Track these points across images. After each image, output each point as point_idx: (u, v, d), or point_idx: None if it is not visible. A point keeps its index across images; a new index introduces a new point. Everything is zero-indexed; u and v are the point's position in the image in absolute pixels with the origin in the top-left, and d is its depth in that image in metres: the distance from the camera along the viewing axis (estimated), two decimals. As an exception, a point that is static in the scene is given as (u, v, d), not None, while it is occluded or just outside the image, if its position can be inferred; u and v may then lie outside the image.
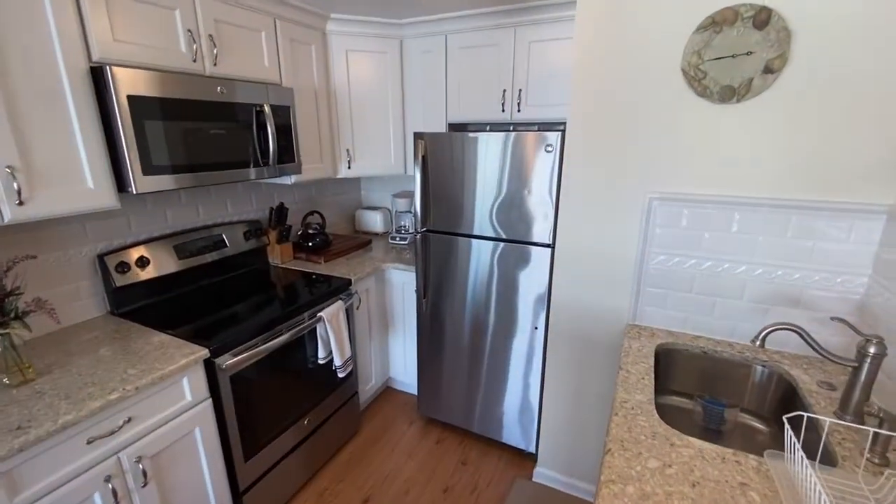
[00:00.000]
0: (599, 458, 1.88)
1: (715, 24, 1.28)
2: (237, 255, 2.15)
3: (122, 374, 1.30)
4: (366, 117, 2.41)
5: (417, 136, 1.99)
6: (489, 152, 1.86)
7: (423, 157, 2.00)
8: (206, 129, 1.62)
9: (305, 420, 1.96)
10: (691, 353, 1.50)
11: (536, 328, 1.97)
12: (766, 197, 1.36)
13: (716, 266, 1.48)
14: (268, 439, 1.77)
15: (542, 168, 1.77)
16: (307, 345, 1.92)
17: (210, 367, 1.50)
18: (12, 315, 1.19)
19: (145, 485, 1.33)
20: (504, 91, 2.16)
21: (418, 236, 2.12)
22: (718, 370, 1.47)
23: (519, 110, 2.16)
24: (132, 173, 1.42)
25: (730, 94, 1.31)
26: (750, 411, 1.42)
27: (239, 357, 1.56)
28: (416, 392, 2.67)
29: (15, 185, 1.19)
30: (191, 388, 1.44)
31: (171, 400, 1.40)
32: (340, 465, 2.16)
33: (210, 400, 1.52)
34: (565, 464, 1.99)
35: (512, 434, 2.19)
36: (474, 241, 2.00)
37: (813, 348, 1.11)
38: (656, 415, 1.12)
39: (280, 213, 2.34)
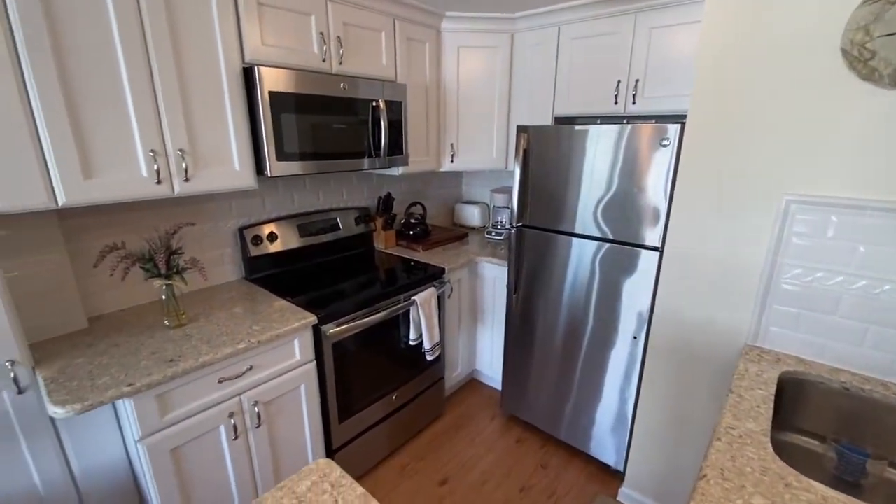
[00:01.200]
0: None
1: (894, -10, 1.05)
2: (348, 238, 2.37)
3: (249, 329, 1.52)
4: (471, 112, 2.46)
5: (521, 129, 1.97)
6: (599, 146, 1.76)
7: (525, 150, 1.98)
8: (329, 122, 1.81)
9: (394, 395, 2.09)
10: (829, 389, 1.26)
11: (636, 338, 1.83)
12: (955, 205, 1.08)
13: (872, 287, 1.22)
14: (359, 407, 1.92)
15: (656, 164, 1.63)
16: (400, 325, 2.03)
17: (317, 332, 1.68)
18: (175, 270, 1.47)
19: (259, 426, 1.55)
20: (618, 82, 2.03)
21: (513, 231, 2.10)
22: (864, 412, 1.21)
23: (634, 102, 2.01)
24: (268, 159, 1.65)
25: (910, 77, 1.06)
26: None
27: (341, 327, 1.72)
28: (500, 387, 2.66)
29: (184, 164, 1.46)
30: (300, 348, 1.63)
31: (284, 357, 1.60)
32: (422, 445, 2.25)
33: (314, 362, 1.70)
34: (655, 488, 1.82)
35: (600, 447, 2.07)
36: (575, 239, 1.93)
37: None
38: (770, 449, 0.97)
39: (387, 202, 2.51)
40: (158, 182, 1.42)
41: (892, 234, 1.17)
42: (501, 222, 2.83)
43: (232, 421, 1.46)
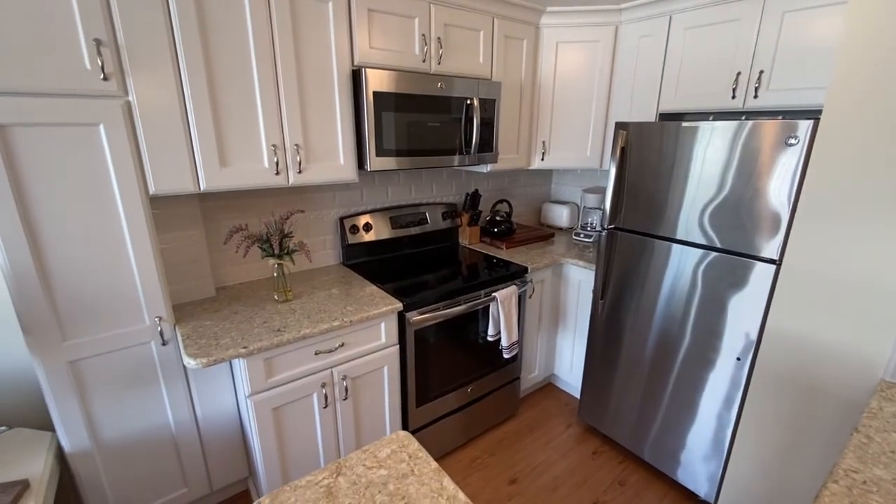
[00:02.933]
0: (808, 541, 1.47)
1: None
2: (435, 232, 2.46)
3: (343, 309, 1.66)
4: (567, 109, 2.39)
5: (619, 125, 1.88)
6: (710, 144, 1.61)
7: (623, 148, 1.88)
8: (425, 120, 1.89)
9: (469, 388, 2.13)
10: None
11: (740, 360, 1.64)
12: None
13: None
14: (435, 394, 1.99)
15: (780, 165, 1.45)
16: (479, 320, 2.06)
17: (401, 319, 1.77)
18: (286, 251, 1.66)
19: (346, 398, 1.69)
20: (738, 74, 1.83)
21: (604, 233, 2.01)
22: None
23: (756, 96, 1.79)
24: (369, 154, 1.77)
25: None
26: None
27: (424, 315, 1.80)
28: (578, 395, 2.57)
29: (298, 158, 1.64)
30: (386, 332, 1.74)
31: (371, 338, 1.72)
32: (493, 441, 2.26)
33: (397, 346, 1.80)
34: (754, 530, 1.62)
35: (688, 474, 1.90)
36: (676, 245, 1.79)
37: None
38: (906, 503, 0.82)
39: (474, 198, 2.55)
40: (277, 173, 1.61)
41: None
42: (592, 224, 2.71)
43: (324, 391, 1.61)
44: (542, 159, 2.48)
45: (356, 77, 1.72)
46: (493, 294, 2.00)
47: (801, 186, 1.39)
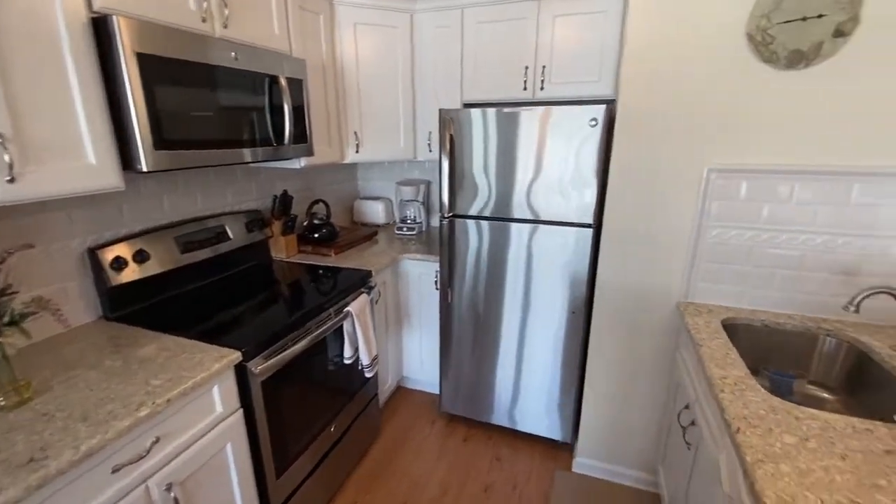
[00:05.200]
0: (645, 443, 1.84)
1: (787, -15, 1.24)
2: (240, 250, 1.92)
3: (146, 387, 1.08)
4: (374, 97, 2.24)
5: (444, 113, 1.85)
6: (527, 128, 1.76)
7: (451, 135, 1.87)
8: (220, 101, 1.40)
9: (332, 427, 1.78)
10: (752, 328, 1.47)
11: (574, 313, 1.90)
12: (830, 165, 1.35)
13: (774, 238, 1.46)
14: (297, 452, 1.57)
15: (585, 144, 1.69)
16: (330, 345, 1.73)
17: (241, 372, 1.29)
18: (7, 320, 0.95)
19: (179, 516, 1.12)
20: (526, 68, 2.07)
21: (444, 222, 1.98)
22: (781, 342, 1.45)
23: (542, 88, 2.07)
24: (142, 147, 1.19)
25: (798, 59, 1.28)
26: (815, 382, 1.41)
27: (271, 360, 1.36)
28: (433, 390, 2.53)
29: (6, 157, 0.94)
30: (221, 397, 1.24)
31: (201, 413, 1.19)
32: (366, 475, 1.98)
33: (241, 410, 1.31)
34: (606, 451, 1.93)
35: (546, 426, 2.11)
36: (509, 224, 1.90)
37: (910, 311, 1.09)
38: (762, 390, 1.06)
39: (285, 202, 2.12)
40: (-42, 184, 0.89)
41: (786, 192, 1.41)
42: (412, 217, 2.67)
43: (140, 522, 1.02)
44: (357, 151, 2.26)
45: (100, 29, 1.11)
46: (346, 309, 1.70)
47: (606, 160, 1.67)
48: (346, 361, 1.79)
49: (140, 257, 1.51)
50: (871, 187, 1.32)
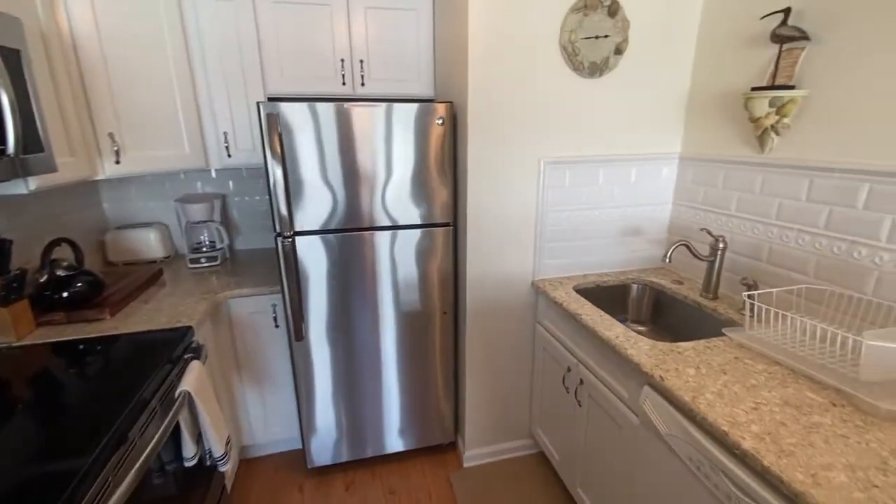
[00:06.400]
0: (520, 414, 2.01)
1: (585, 7, 1.51)
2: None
3: None
4: (136, 86, 1.59)
5: (266, 107, 1.48)
6: (370, 127, 1.59)
7: (280, 135, 1.51)
8: None
9: (184, 562, 1.22)
10: (588, 289, 1.79)
11: (445, 313, 1.88)
12: (616, 153, 1.74)
13: (590, 214, 1.80)
14: None
15: (434, 142, 1.66)
16: (162, 450, 1.17)
17: (38, 568, 0.72)
18: None
19: None
20: (342, 61, 1.87)
21: (286, 242, 1.60)
22: (608, 294, 1.82)
23: (363, 84, 1.91)
24: None
25: (595, 69, 1.59)
26: (634, 320, 1.84)
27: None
28: (290, 447, 2.08)
29: None
30: None
31: None
32: None
33: None
34: (492, 435, 2.02)
35: (427, 435, 2.04)
36: (365, 234, 1.70)
37: (694, 255, 1.54)
38: (644, 337, 1.30)
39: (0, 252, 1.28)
40: None
41: (594, 177, 1.75)
42: (207, 242, 2.07)
43: None
44: (118, 162, 1.57)
45: None
46: (180, 390, 1.18)
47: (454, 158, 1.68)
48: (188, 464, 1.25)
49: None
50: (646, 168, 1.78)
